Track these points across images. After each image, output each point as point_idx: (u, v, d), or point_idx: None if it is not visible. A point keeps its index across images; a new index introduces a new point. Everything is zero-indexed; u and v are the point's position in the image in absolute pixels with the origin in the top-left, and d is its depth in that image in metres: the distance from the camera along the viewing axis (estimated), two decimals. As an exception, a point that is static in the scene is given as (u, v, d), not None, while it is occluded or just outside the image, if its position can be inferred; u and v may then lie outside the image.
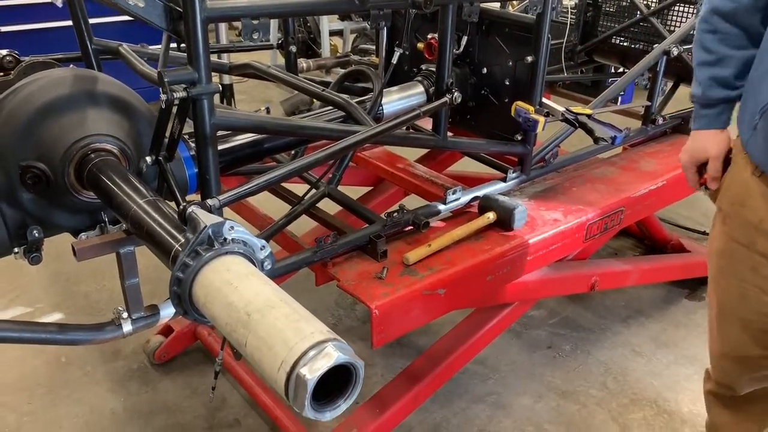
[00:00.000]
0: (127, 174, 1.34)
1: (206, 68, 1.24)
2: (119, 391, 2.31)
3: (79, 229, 1.48)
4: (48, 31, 3.85)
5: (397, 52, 1.62)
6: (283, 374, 0.84)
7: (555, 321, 2.78)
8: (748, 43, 1.42)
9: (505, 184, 2.08)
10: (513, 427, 2.23)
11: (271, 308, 0.91)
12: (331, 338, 0.86)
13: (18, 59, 1.80)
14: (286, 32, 2.22)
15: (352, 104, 1.72)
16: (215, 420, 2.20)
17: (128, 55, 1.71)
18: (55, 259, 3.05)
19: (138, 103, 1.50)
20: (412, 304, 1.62)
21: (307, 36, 5.93)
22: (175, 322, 2.43)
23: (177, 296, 1.03)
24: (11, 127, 1.36)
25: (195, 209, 1.09)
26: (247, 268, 1.02)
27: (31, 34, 3.86)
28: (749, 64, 1.39)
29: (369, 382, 2.35)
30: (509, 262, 1.82)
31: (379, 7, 1.44)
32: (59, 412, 2.21)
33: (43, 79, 1.42)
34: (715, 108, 1.51)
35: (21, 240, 1.43)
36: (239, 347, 0.93)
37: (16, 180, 1.36)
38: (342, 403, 0.89)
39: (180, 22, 1.24)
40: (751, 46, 1.41)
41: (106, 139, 1.40)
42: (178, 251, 1.07)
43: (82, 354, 2.47)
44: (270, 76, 1.92)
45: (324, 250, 1.65)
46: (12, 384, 2.33)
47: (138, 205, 1.22)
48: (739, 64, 1.43)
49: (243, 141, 1.71)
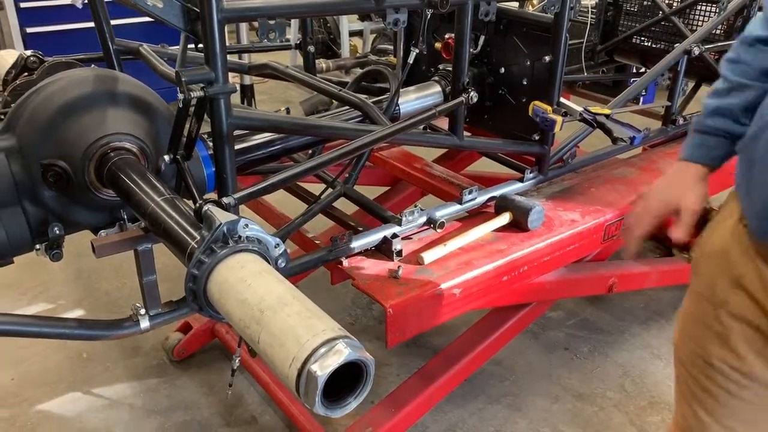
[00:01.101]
0: (145, 172, 1.36)
1: (223, 68, 1.26)
2: (138, 387, 2.34)
3: (99, 227, 1.50)
4: (72, 32, 3.91)
5: (413, 53, 1.62)
6: (294, 370, 0.85)
7: (573, 323, 2.76)
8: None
9: (522, 184, 2.07)
10: (529, 428, 2.22)
11: (283, 305, 0.92)
12: (342, 335, 0.87)
13: (42, 60, 1.83)
14: (304, 32, 2.24)
15: (368, 104, 1.73)
16: (232, 417, 2.22)
17: (148, 56, 1.74)
18: (76, 256, 3.11)
19: (157, 103, 1.53)
20: (427, 303, 1.62)
21: (327, 36, 5.95)
22: (193, 319, 2.46)
23: (192, 293, 1.05)
24: (33, 125, 1.39)
25: (211, 207, 1.10)
26: (261, 265, 1.03)
27: (55, 36, 3.93)
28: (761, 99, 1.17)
29: (385, 382, 2.36)
30: (525, 262, 1.81)
31: (394, 7, 1.45)
32: (80, 407, 2.25)
33: (65, 79, 1.45)
34: (710, 137, 1.30)
35: (42, 237, 1.46)
36: (252, 344, 0.94)
37: (37, 178, 1.39)
38: (352, 401, 0.89)
39: (197, 23, 1.25)
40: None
41: (126, 137, 1.43)
42: (193, 248, 1.08)
43: (103, 350, 2.51)
44: (287, 76, 1.94)
45: (339, 249, 1.66)
46: (35, 379, 2.37)
47: (156, 203, 1.24)
48: (751, 97, 1.24)
49: (260, 141, 1.72)
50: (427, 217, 1.82)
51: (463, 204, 1.91)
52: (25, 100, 1.42)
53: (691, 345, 1.31)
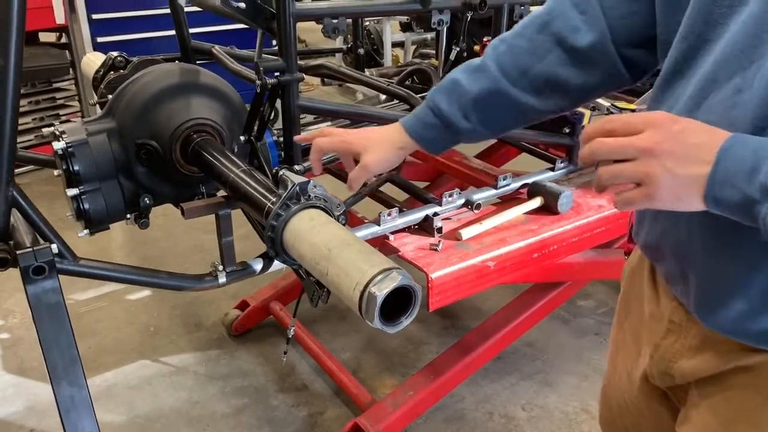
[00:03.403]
0: (224, 150, 1.59)
1: (294, 59, 1.49)
2: (201, 357, 2.58)
3: (181, 200, 1.74)
4: (136, 41, 4.25)
5: (454, 50, 1.83)
6: (357, 293, 1.06)
7: (603, 311, 2.91)
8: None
9: (553, 173, 2.25)
10: (558, 401, 2.38)
11: (347, 245, 1.13)
12: (395, 267, 1.07)
13: (127, 59, 2.10)
14: (355, 36, 2.47)
15: (414, 96, 1.94)
16: (285, 384, 2.44)
17: (220, 55, 1.99)
18: (142, 245, 3.39)
19: (231, 93, 1.76)
20: (464, 273, 1.81)
21: (370, 47, 6.21)
22: (250, 298, 2.69)
23: (271, 240, 1.26)
24: (130, 110, 1.63)
25: (285, 171, 1.32)
26: (327, 218, 1.24)
27: (122, 44, 4.26)
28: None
29: (425, 359, 2.55)
30: (555, 242, 1.99)
31: (439, 9, 1.66)
32: (149, 372, 2.50)
33: (156, 71, 1.70)
34: (432, 115, 1.19)
35: (133, 208, 1.70)
36: (321, 277, 1.15)
37: (132, 155, 1.63)
38: (404, 320, 1.09)
39: (272, 21, 1.48)
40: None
41: (206, 121, 1.66)
42: (270, 208, 1.31)
43: (169, 325, 2.77)
44: (342, 75, 2.16)
45: (386, 225, 1.87)
46: (109, 348, 2.63)
47: (235, 174, 1.47)
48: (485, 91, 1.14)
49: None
50: (465, 199, 2.02)
51: (498, 189, 2.10)
52: (123, 90, 1.67)
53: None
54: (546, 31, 1.09)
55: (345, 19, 1.52)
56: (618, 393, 1.20)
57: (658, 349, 1.02)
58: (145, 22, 4.25)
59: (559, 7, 1.09)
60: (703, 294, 0.90)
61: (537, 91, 1.12)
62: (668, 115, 0.75)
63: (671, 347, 1.00)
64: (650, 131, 0.74)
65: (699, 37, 0.84)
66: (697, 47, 0.85)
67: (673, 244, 0.93)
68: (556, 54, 1.09)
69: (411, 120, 1.21)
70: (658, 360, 1.03)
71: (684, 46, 0.87)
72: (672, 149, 0.72)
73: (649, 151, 0.73)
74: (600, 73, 1.09)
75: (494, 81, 1.12)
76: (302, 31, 7.06)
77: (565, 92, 1.12)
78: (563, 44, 1.08)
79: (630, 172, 0.75)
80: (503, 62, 1.12)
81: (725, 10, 0.80)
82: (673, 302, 1.00)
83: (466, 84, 1.15)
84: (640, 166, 0.74)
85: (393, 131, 1.22)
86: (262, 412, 2.32)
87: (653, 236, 0.98)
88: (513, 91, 1.12)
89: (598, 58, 1.07)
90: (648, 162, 0.74)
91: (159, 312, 2.87)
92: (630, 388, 1.14)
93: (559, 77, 1.09)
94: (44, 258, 1.32)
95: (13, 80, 1.27)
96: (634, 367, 1.12)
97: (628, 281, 1.18)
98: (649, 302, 1.08)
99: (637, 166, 0.74)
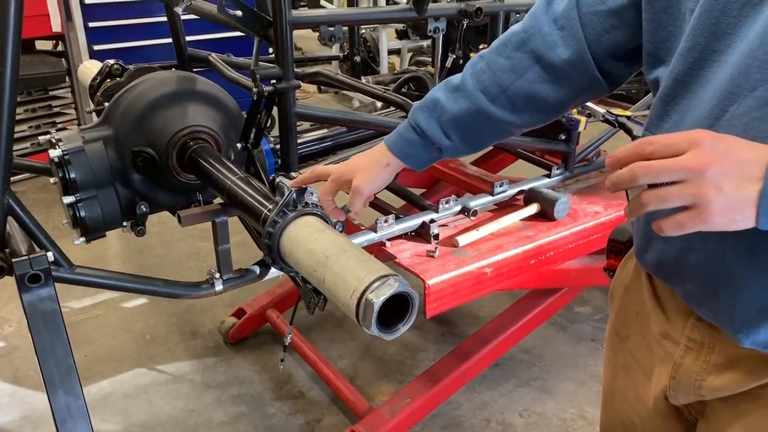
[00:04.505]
0: (221, 157, 1.59)
1: (291, 67, 1.49)
2: (197, 365, 2.57)
3: (177, 208, 1.74)
4: (132, 48, 4.25)
5: (450, 57, 1.84)
6: (354, 300, 1.05)
7: (600, 317, 2.91)
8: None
9: (549, 179, 2.26)
10: (556, 408, 2.38)
11: (344, 252, 1.13)
12: (392, 273, 1.07)
13: (123, 67, 2.10)
14: (351, 44, 2.47)
15: (410, 103, 1.94)
16: (282, 391, 2.43)
17: (216, 63, 2.00)
18: (138, 252, 3.39)
19: (228, 101, 1.76)
20: (461, 280, 1.81)
21: (366, 54, 6.23)
22: (247, 305, 2.69)
23: (268, 247, 1.26)
24: (127, 118, 1.63)
25: (282, 179, 1.33)
26: (324, 224, 1.24)
27: (118, 52, 4.27)
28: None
29: (422, 366, 2.54)
30: (551, 248, 1.99)
31: (434, 16, 1.67)
32: (145, 380, 2.49)
33: (153, 79, 1.70)
34: (414, 134, 1.20)
35: (129, 215, 1.70)
36: (318, 284, 1.15)
37: (128, 163, 1.62)
38: (401, 327, 1.09)
39: (269, 29, 1.49)
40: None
41: (203, 129, 1.66)
42: (266, 215, 1.30)
43: (165, 333, 2.76)
44: (338, 82, 2.17)
45: (383, 232, 1.87)
46: (105, 356, 2.62)
47: (232, 181, 1.47)
48: (463, 112, 1.15)
49: (314, 137, 1.96)
50: (461, 206, 2.02)
51: (494, 195, 2.11)
52: (119, 97, 1.67)
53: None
54: (524, 48, 1.10)
55: (341, 26, 1.53)
56: (622, 416, 1.17)
57: (680, 368, 1.00)
58: (141, 30, 4.26)
59: (537, 23, 1.09)
60: (742, 312, 0.86)
61: (516, 108, 1.13)
62: (710, 133, 0.72)
63: (693, 365, 0.97)
64: (695, 151, 0.70)
65: (705, 49, 0.83)
66: (703, 59, 0.84)
67: (701, 263, 0.89)
68: (535, 71, 1.09)
69: (393, 137, 1.22)
70: (682, 379, 1.00)
71: (689, 59, 0.85)
72: (723, 169, 0.69)
73: (699, 172, 0.69)
74: (578, 86, 1.10)
75: (473, 100, 1.13)
76: (299, 38, 7.09)
77: (544, 106, 1.13)
78: (541, 61, 1.08)
79: (681, 194, 0.71)
80: (482, 80, 1.13)
81: (733, 20, 0.80)
82: (690, 319, 0.97)
83: (446, 103, 1.16)
84: (690, 188, 0.70)
85: (377, 150, 1.23)
86: (258, 421, 2.31)
87: (669, 255, 0.95)
88: (492, 109, 1.13)
89: (576, 73, 1.07)
90: (699, 183, 0.70)
91: (155, 320, 2.86)
92: (641, 409, 1.12)
93: (538, 93, 1.10)
94: (40, 266, 1.31)
95: (10, 88, 1.27)
96: (644, 388, 1.10)
97: (622, 299, 1.15)
98: (656, 321, 1.05)
99: (688, 188, 0.70)
